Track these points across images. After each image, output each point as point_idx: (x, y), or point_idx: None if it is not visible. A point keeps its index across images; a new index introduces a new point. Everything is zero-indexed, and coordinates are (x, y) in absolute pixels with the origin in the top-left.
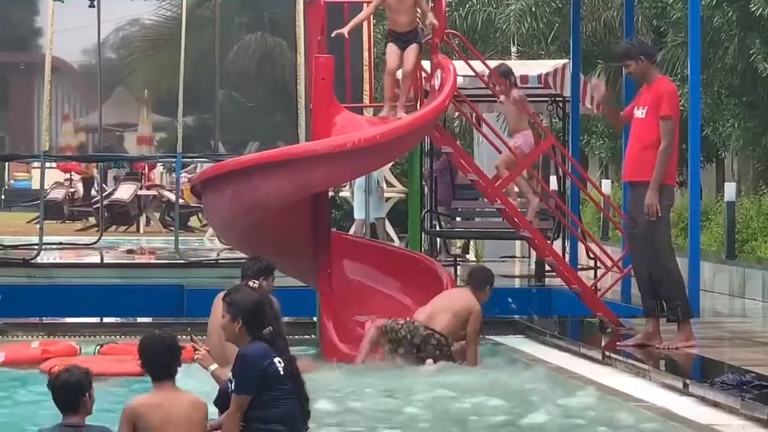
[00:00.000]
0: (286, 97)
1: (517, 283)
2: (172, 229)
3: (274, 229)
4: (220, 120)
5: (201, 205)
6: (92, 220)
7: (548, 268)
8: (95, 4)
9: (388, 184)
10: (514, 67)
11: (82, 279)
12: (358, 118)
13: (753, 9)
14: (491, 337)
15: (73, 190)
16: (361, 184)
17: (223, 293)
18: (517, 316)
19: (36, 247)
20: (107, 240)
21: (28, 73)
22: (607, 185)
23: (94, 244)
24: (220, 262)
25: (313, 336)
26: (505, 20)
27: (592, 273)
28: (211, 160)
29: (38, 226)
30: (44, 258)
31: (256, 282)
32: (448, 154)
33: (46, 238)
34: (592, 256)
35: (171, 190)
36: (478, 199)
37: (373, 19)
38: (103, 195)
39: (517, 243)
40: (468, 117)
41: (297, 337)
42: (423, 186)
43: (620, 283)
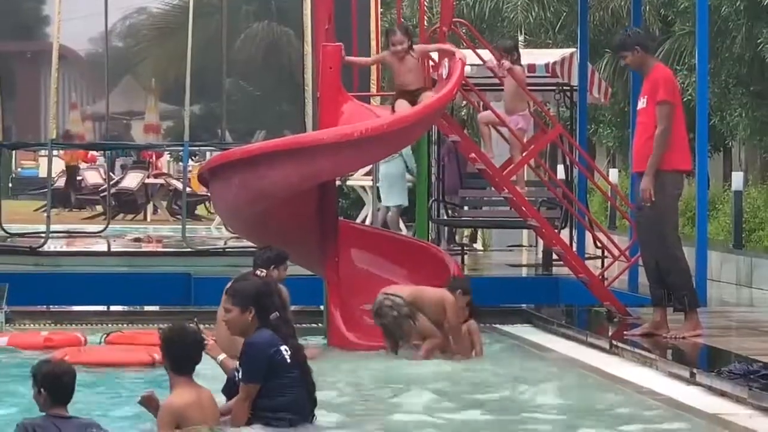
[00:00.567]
0: (294, 86)
1: (525, 272)
2: (179, 217)
3: (281, 218)
4: (227, 109)
5: (208, 194)
6: (99, 209)
7: (555, 257)
8: None
9: None
10: (522, 56)
11: (89, 267)
12: (366, 107)
13: None
14: (498, 326)
15: (80, 178)
16: (387, 172)
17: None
18: (524, 305)
19: (43, 236)
20: (114, 228)
21: (35, 61)
22: (614, 174)
23: (101, 232)
24: (227, 250)
25: (321, 324)
26: (512, 9)
27: (599, 262)
28: (218, 149)
29: (45, 215)
30: (51, 246)
31: (264, 271)
32: (455, 143)
33: (53, 227)
34: (600, 245)
35: (178, 179)
36: (485, 188)
37: (381, 7)
38: (111, 183)
39: (525, 232)
40: (476, 105)
41: (304, 326)
42: (430, 174)
43: (627, 273)
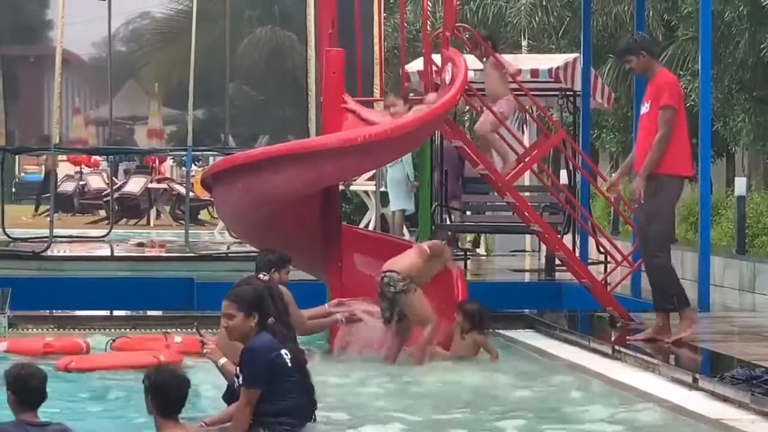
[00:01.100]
0: (297, 90)
1: (527, 277)
2: (183, 222)
3: (284, 223)
4: (231, 113)
5: (211, 199)
6: (102, 213)
7: (558, 262)
8: None
9: None
10: (525, 61)
11: (92, 272)
12: (369, 111)
13: (764, 4)
14: (501, 331)
15: (83, 183)
16: (393, 177)
17: None
18: (527, 310)
19: (46, 240)
20: (117, 233)
21: (39, 65)
22: None
23: (104, 237)
24: (230, 255)
25: None
26: (515, 14)
27: (602, 267)
28: (222, 154)
29: (48, 219)
30: (54, 251)
31: (266, 274)
32: (458, 148)
33: (56, 231)
34: (603, 250)
35: (181, 183)
36: (488, 193)
37: (384, 11)
38: (114, 188)
39: (528, 237)
40: (478, 111)
41: None
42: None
43: (630, 278)
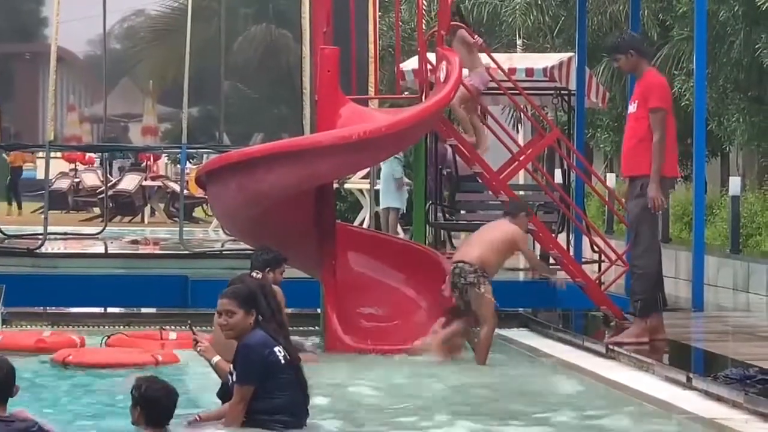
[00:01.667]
0: (291, 88)
1: (521, 276)
2: (177, 219)
3: (278, 221)
4: (225, 111)
5: (206, 196)
6: (97, 211)
7: (553, 261)
8: None
9: None
10: (520, 60)
11: (87, 269)
12: (364, 109)
13: (759, 3)
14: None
15: (78, 180)
16: (384, 174)
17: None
18: (521, 309)
19: (40, 237)
20: (112, 230)
21: (34, 63)
22: (611, 179)
23: (98, 234)
24: (224, 253)
25: (317, 327)
26: (510, 13)
27: (596, 266)
28: (216, 151)
29: (43, 216)
30: (49, 248)
31: (260, 273)
32: (453, 146)
33: (50, 228)
34: (597, 249)
35: (176, 181)
36: (482, 192)
37: (379, 10)
38: (108, 185)
39: None
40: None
41: (301, 329)
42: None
43: (624, 277)
